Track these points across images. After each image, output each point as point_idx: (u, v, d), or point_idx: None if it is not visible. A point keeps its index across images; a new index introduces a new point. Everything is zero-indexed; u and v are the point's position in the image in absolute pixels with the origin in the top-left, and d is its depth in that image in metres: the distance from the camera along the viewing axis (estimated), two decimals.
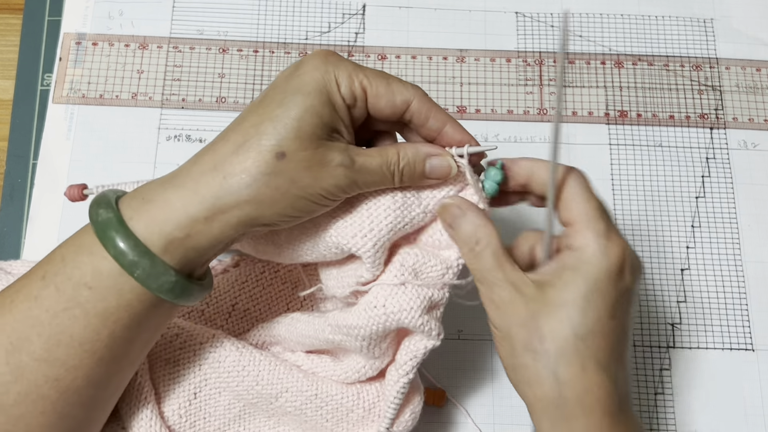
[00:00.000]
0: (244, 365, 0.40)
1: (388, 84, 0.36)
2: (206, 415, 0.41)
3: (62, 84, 0.55)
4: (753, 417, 0.49)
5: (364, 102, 0.36)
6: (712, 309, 0.51)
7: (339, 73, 0.35)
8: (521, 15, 0.58)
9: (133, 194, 0.35)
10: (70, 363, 0.34)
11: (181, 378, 0.41)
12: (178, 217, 0.33)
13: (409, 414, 0.41)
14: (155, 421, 0.39)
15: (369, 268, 0.37)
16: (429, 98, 0.37)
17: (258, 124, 0.34)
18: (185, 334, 0.41)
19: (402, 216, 0.37)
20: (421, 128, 0.37)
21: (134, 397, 0.39)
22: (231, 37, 0.57)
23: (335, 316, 0.38)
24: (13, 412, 0.33)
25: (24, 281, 0.35)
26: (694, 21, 0.58)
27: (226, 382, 0.41)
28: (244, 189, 0.33)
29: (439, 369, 0.49)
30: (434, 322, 0.38)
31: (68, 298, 0.33)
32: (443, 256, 0.38)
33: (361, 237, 0.37)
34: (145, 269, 0.33)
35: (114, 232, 0.33)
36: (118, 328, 0.34)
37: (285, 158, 0.33)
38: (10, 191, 0.52)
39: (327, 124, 0.34)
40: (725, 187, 0.54)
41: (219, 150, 0.34)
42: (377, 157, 0.36)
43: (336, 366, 0.42)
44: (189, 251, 0.34)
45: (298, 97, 0.34)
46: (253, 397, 0.41)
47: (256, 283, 0.46)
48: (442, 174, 0.37)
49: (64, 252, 0.35)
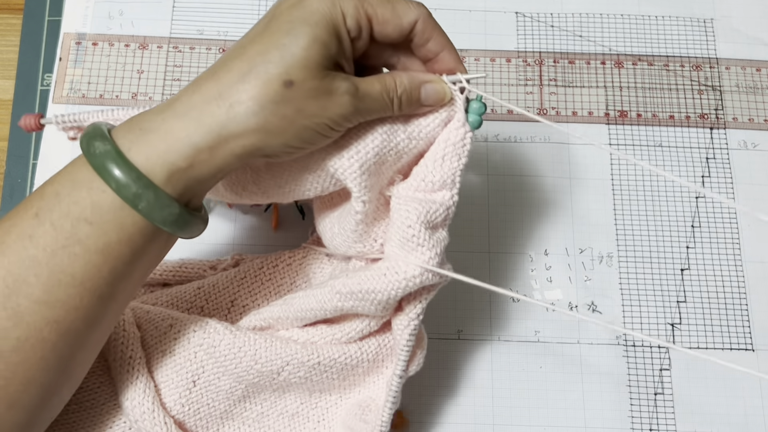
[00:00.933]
0: (240, 347, 0.40)
1: (393, 8, 0.36)
2: (209, 401, 0.41)
3: (62, 84, 0.55)
4: (753, 417, 0.49)
5: (368, 32, 0.36)
6: (712, 309, 0.51)
7: (345, 4, 0.34)
8: (521, 15, 0.58)
9: (128, 125, 0.34)
10: (70, 303, 0.33)
11: (178, 367, 0.41)
12: (181, 147, 0.33)
13: (420, 353, 0.41)
14: (158, 412, 0.39)
15: (357, 195, 0.37)
16: (433, 18, 0.37)
17: (264, 52, 0.33)
18: (179, 324, 0.41)
19: (388, 140, 0.37)
20: (420, 48, 0.37)
21: (134, 391, 0.39)
22: (231, 37, 0.57)
23: (345, 283, 0.38)
24: (13, 359, 0.32)
25: (13, 220, 0.33)
26: (694, 21, 0.58)
27: (224, 366, 0.41)
28: (251, 117, 0.33)
29: (439, 369, 0.49)
30: (447, 267, 0.38)
31: (67, 236, 0.32)
32: (439, 198, 0.38)
33: (347, 158, 0.36)
34: (149, 201, 0.32)
35: (113, 164, 0.32)
36: (119, 264, 0.33)
37: (293, 87, 0.33)
38: (10, 191, 0.52)
39: (333, 56, 0.34)
40: (725, 187, 0.54)
41: (222, 78, 0.33)
42: (377, 84, 0.36)
43: (334, 330, 0.41)
44: (191, 181, 0.33)
45: (306, 27, 0.33)
46: (254, 377, 0.41)
47: (255, 279, 0.46)
48: (436, 100, 0.37)
49: (57, 188, 0.33)
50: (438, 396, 0.48)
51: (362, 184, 0.37)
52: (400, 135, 0.37)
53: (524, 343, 0.50)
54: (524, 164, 0.54)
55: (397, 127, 0.37)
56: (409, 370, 0.41)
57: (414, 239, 0.36)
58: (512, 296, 0.51)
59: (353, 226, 0.38)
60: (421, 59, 0.38)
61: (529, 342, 0.50)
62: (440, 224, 0.38)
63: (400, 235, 0.37)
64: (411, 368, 0.41)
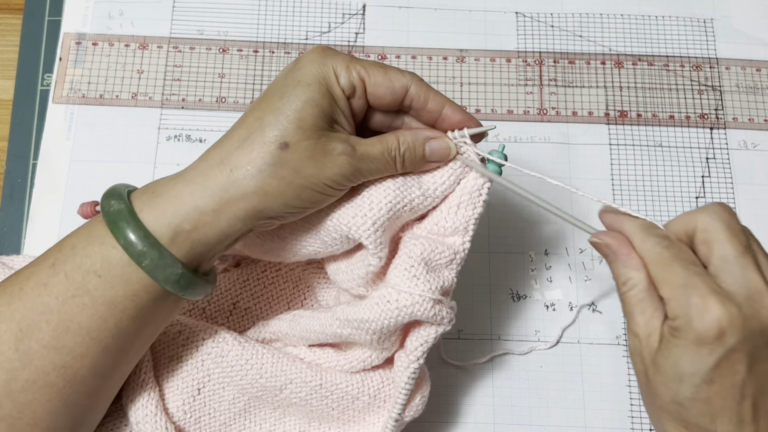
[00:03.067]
0: (247, 359, 0.40)
1: (385, 72, 0.37)
2: (211, 411, 0.41)
3: (62, 84, 0.55)
4: None
5: (363, 92, 0.37)
6: None
7: (337, 65, 0.36)
8: (521, 15, 0.58)
9: (144, 189, 0.36)
10: (77, 351, 0.34)
11: (185, 374, 0.41)
12: (186, 210, 0.34)
13: (419, 398, 0.41)
14: (160, 417, 0.39)
15: (373, 252, 0.37)
16: (425, 82, 0.38)
17: (261, 118, 0.35)
18: (188, 331, 0.41)
19: (401, 196, 0.37)
20: (422, 112, 0.38)
21: (138, 394, 0.39)
22: (231, 37, 0.57)
23: (344, 310, 0.38)
24: (21, 399, 0.34)
25: (33, 268, 0.35)
26: (694, 21, 0.58)
27: (229, 377, 0.41)
28: (250, 180, 0.34)
29: (439, 369, 0.49)
30: (446, 310, 0.38)
31: (77, 286, 0.34)
32: (449, 242, 0.38)
33: (361, 216, 0.37)
34: (153, 260, 0.34)
35: (124, 222, 0.34)
36: (124, 318, 0.35)
37: (288, 148, 0.34)
38: (10, 191, 0.52)
39: (327, 115, 0.35)
40: (725, 187, 0.54)
41: (225, 145, 0.35)
42: (378, 145, 0.37)
43: (339, 356, 0.42)
44: (196, 244, 0.35)
45: (298, 90, 0.35)
46: (257, 390, 0.41)
47: (258, 282, 0.46)
48: (442, 156, 0.38)
49: (74, 241, 0.35)
50: (438, 395, 0.48)
51: (377, 241, 0.37)
52: (415, 192, 0.38)
53: (524, 343, 0.50)
54: (524, 164, 0.54)
55: (411, 184, 0.38)
56: (405, 414, 0.40)
57: (412, 270, 0.37)
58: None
59: (362, 274, 0.39)
60: (425, 123, 0.39)
61: (529, 342, 0.50)
62: (444, 265, 0.38)
63: (401, 266, 0.37)
64: (408, 412, 0.41)
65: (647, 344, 0.34)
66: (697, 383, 0.33)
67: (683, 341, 0.32)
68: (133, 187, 0.37)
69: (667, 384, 0.33)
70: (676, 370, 0.33)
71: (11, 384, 0.34)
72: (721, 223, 0.34)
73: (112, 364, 0.36)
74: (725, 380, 0.32)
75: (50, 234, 0.51)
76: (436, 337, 0.38)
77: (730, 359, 0.32)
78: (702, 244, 0.34)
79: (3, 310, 0.34)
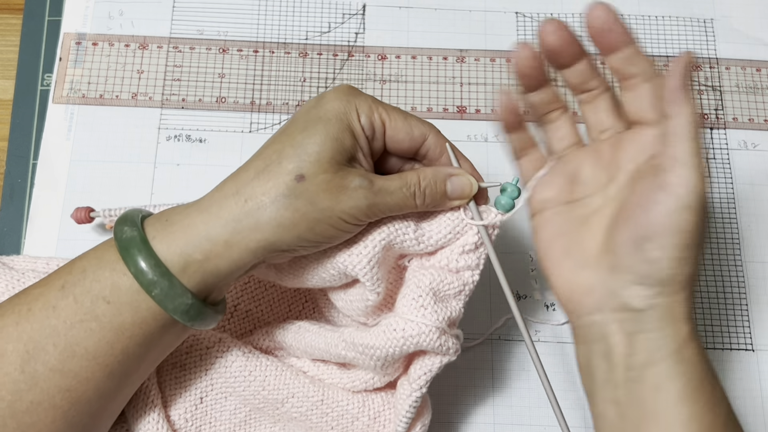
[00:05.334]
0: (251, 370, 0.40)
1: (405, 118, 0.37)
2: (212, 420, 0.41)
3: (62, 84, 0.55)
4: (753, 417, 0.49)
5: (382, 134, 0.37)
6: (712, 309, 0.51)
7: (359, 104, 0.36)
8: (521, 15, 0.58)
9: (157, 216, 0.36)
10: (82, 375, 0.34)
11: (188, 383, 0.41)
12: (198, 240, 0.34)
13: (420, 427, 0.41)
14: (162, 424, 0.39)
15: (369, 288, 0.37)
16: (443, 135, 0.38)
17: (280, 150, 0.35)
18: (191, 339, 0.41)
19: (394, 235, 0.37)
20: (435, 163, 0.39)
21: (141, 400, 0.39)
22: (231, 37, 0.57)
23: (351, 333, 0.38)
24: (25, 420, 0.34)
25: (42, 289, 0.35)
26: (694, 21, 0.58)
27: (232, 387, 0.41)
28: (264, 211, 0.34)
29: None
30: (452, 340, 0.38)
31: (86, 311, 0.34)
32: (458, 274, 0.38)
33: (356, 255, 0.37)
34: (163, 289, 0.34)
35: (136, 250, 0.34)
36: (131, 344, 0.35)
37: (305, 180, 0.34)
38: (10, 191, 0.52)
39: (347, 151, 0.35)
40: (725, 187, 0.54)
41: (241, 176, 0.35)
42: (397, 180, 0.36)
43: (343, 374, 0.42)
44: (207, 275, 0.35)
45: (319, 125, 0.35)
46: (259, 402, 0.41)
47: (258, 285, 0.46)
48: (463, 193, 0.38)
49: (85, 264, 0.35)
50: (438, 395, 0.48)
51: (374, 277, 0.37)
52: (409, 234, 0.38)
53: (524, 342, 0.50)
54: None
55: (406, 225, 0.38)
56: None
57: (420, 299, 0.37)
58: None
59: (362, 308, 0.39)
60: None
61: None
62: (452, 296, 0.38)
63: (409, 296, 0.37)
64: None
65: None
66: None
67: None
68: (148, 212, 0.37)
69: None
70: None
71: (16, 405, 0.33)
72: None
73: (117, 387, 0.36)
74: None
75: (50, 234, 0.51)
76: (440, 367, 0.38)
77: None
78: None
79: (11, 330, 0.34)
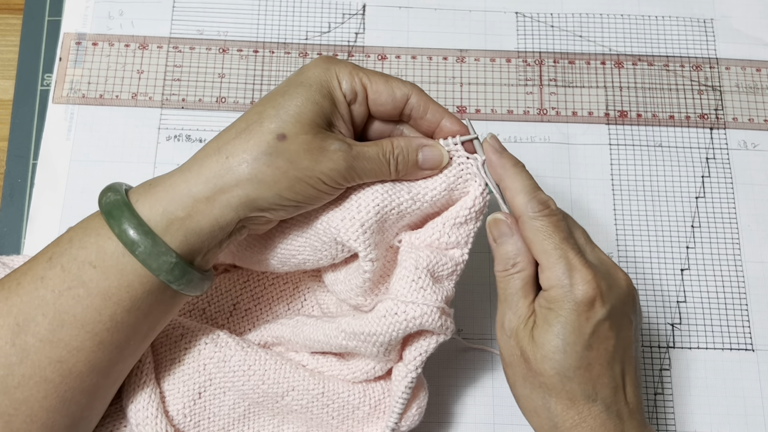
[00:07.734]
0: (250, 364, 0.40)
1: (386, 81, 0.38)
2: (210, 415, 0.41)
3: (62, 84, 0.55)
4: (753, 417, 0.49)
5: (364, 99, 0.38)
6: (712, 309, 0.51)
7: (340, 71, 0.37)
8: (521, 15, 0.58)
9: (142, 183, 0.37)
10: (72, 344, 0.34)
11: (186, 377, 0.41)
12: (180, 197, 0.35)
13: (416, 409, 0.41)
14: (160, 419, 0.39)
15: (363, 255, 0.37)
16: (425, 93, 0.39)
17: (261, 112, 0.36)
18: (190, 335, 0.41)
19: (390, 199, 0.37)
20: (420, 121, 0.39)
21: (140, 395, 0.39)
22: (231, 37, 0.57)
23: (350, 322, 0.38)
24: (17, 395, 0.34)
25: (31, 263, 0.36)
26: (694, 21, 0.58)
27: (231, 382, 0.41)
28: (245, 167, 0.35)
29: (439, 368, 0.49)
30: (449, 320, 0.38)
31: (73, 277, 0.34)
32: (450, 254, 0.39)
33: (349, 219, 0.37)
34: (146, 248, 0.34)
35: (119, 212, 0.35)
36: (119, 311, 0.35)
37: (285, 140, 0.35)
38: (10, 191, 0.52)
39: (327, 115, 0.36)
40: (725, 187, 0.54)
41: (223, 136, 0.36)
42: (373, 146, 0.37)
43: (342, 366, 0.42)
44: (189, 234, 0.35)
45: (300, 89, 0.36)
46: (258, 396, 0.41)
47: (258, 283, 0.46)
48: (434, 163, 0.39)
49: (71, 234, 0.36)
50: (438, 395, 0.48)
51: (366, 242, 0.37)
52: (404, 195, 0.38)
53: None
54: (524, 164, 0.54)
55: (400, 188, 0.38)
56: (402, 425, 0.41)
57: (419, 281, 0.37)
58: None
59: (360, 283, 0.39)
60: (424, 133, 0.40)
61: None
62: (446, 277, 0.39)
63: (407, 277, 0.37)
64: (404, 423, 0.41)
65: (526, 325, 0.37)
66: (579, 351, 0.35)
67: (563, 311, 0.35)
68: (130, 186, 0.38)
69: (550, 356, 0.36)
70: (557, 341, 0.35)
71: (7, 380, 0.34)
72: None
73: (109, 360, 0.36)
74: (601, 346, 0.36)
75: (50, 234, 0.51)
76: (435, 346, 0.39)
77: (603, 326, 0.36)
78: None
79: (1, 306, 0.34)
